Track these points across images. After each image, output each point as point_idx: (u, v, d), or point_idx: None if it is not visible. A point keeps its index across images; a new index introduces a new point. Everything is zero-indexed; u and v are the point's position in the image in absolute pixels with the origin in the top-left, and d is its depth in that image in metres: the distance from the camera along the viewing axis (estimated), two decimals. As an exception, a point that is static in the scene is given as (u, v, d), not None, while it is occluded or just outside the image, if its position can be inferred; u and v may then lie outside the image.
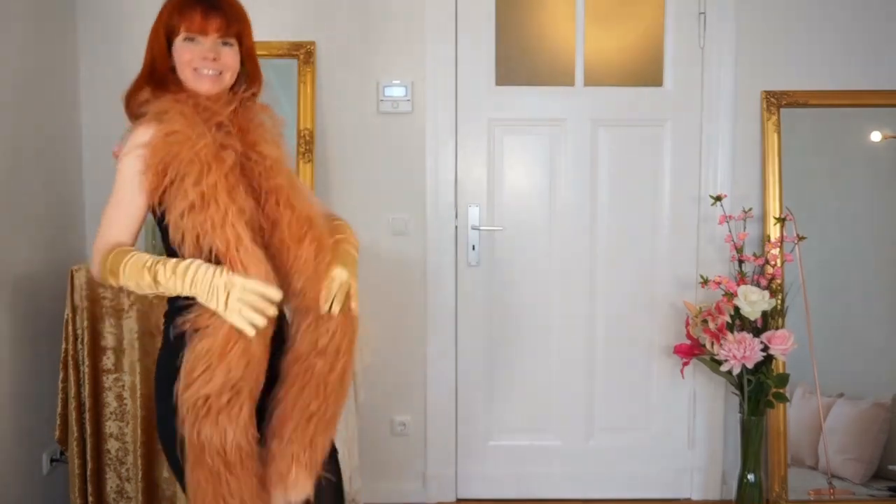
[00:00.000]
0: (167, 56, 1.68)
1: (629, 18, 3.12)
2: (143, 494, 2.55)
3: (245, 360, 1.54)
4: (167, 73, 1.68)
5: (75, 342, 2.53)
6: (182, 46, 1.67)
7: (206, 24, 1.65)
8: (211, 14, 1.65)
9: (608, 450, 3.15)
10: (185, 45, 1.66)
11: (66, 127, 2.92)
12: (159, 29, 1.69)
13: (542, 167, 3.09)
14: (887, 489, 2.98)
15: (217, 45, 1.67)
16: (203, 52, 1.65)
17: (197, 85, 1.67)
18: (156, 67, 1.69)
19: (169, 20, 1.68)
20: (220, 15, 1.66)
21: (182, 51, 1.66)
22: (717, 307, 2.75)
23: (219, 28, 1.66)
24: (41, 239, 2.72)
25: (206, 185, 1.54)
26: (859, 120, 3.04)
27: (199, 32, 1.65)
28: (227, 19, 1.67)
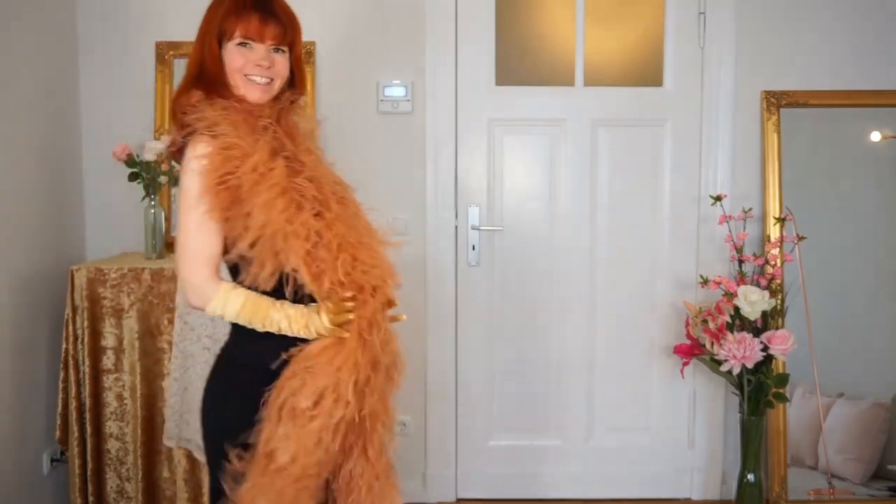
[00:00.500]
0: (219, 59, 1.63)
1: (629, 18, 3.12)
2: (143, 494, 2.55)
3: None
4: (218, 77, 1.63)
5: (75, 342, 2.53)
6: (235, 51, 1.62)
7: (263, 30, 1.61)
8: (269, 20, 1.62)
9: (608, 450, 3.15)
10: (238, 49, 1.62)
11: (66, 127, 2.92)
12: (211, 31, 1.64)
13: (542, 167, 3.09)
14: (887, 489, 2.98)
15: (270, 51, 1.63)
16: (257, 58, 1.62)
17: (247, 92, 1.63)
18: (205, 70, 1.64)
19: (223, 23, 1.62)
20: (278, 22, 1.63)
21: (235, 55, 1.62)
22: (717, 307, 2.75)
23: (275, 35, 1.63)
24: (41, 239, 2.72)
25: (264, 208, 1.51)
26: (859, 120, 3.04)
27: (255, 38, 1.62)
28: (283, 27, 1.64)
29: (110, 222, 3.01)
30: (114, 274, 2.53)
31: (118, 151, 2.71)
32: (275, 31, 1.62)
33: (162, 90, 2.95)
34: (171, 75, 2.96)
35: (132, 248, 2.98)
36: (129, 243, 2.99)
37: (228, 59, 1.63)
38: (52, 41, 2.82)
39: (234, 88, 1.63)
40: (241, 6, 1.62)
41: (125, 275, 2.53)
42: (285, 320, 1.56)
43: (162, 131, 2.92)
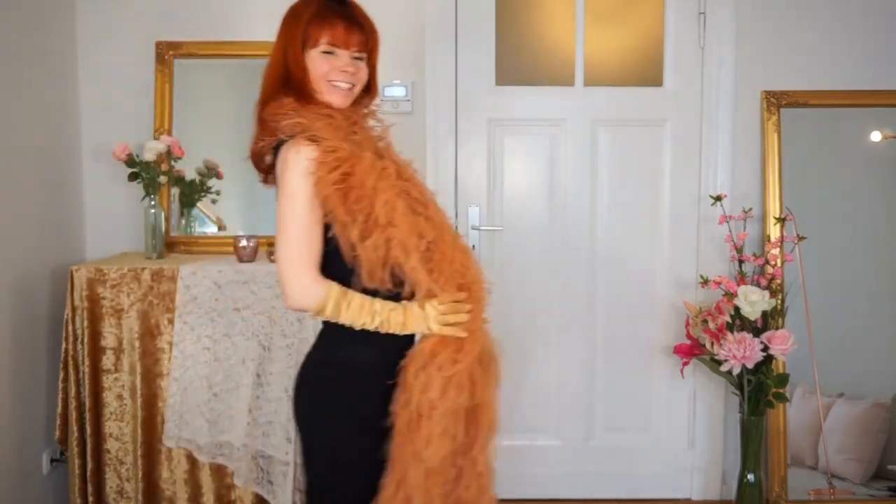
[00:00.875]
0: (304, 66, 1.67)
1: (629, 18, 3.12)
2: (143, 494, 2.55)
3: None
4: (303, 83, 1.66)
5: (75, 342, 2.53)
6: (319, 58, 1.66)
7: (348, 37, 1.66)
8: (353, 28, 1.67)
9: (608, 450, 3.15)
10: (322, 56, 1.66)
11: (65, 127, 2.92)
12: (295, 38, 1.67)
13: (542, 167, 3.09)
14: (887, 489, 2.98)
15: (353, 58, 1.68)
16: (342, 65, 1.66)
17: (331, 97, 1.67)
18: (290, 77, 1.67)
19: (307, 30, 1.66)
20: (361, 30, 1.68)
21: (319, 62, 1.66)
22: (717, 307, 2.75)
23: (359, 42, 1.68)
24: (41, 239, 2.72)
25: (386, 207, 1.57)
26: (859, 120, 3.04)
27: (341, 45, 1.66)
28: (366, 34, 1.69)
29: (110, 222, 3.01)
30: (114, 274, 2.53)
31: (118, 151, 2.71)
32: (359, 38, 1.67)
33: (162, 90, 2.95)
34: (170, 75, 2.96)
35: (132, 248, 2.98)
36: (129, 243, 3.00)
37: (313, 66, 1.66)
38: (51, 41, 2.82)
39: (317, 94, 1.67)
40: (326, 14, 1.66)
41: (125, 275, 2.53)
42: (386, 317, 1.60)
43: (162, 131, 2.92)
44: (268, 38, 2.95)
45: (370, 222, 1.56)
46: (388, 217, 1.56)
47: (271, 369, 2.48)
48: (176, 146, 2.75)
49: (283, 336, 2.48)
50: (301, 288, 1.59)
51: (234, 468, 2.51)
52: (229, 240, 2.80)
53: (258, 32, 2.97)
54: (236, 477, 2.51)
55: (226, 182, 2.98)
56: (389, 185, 1.59)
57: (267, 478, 2.49)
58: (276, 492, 2.47)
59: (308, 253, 1.58)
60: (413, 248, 1.58)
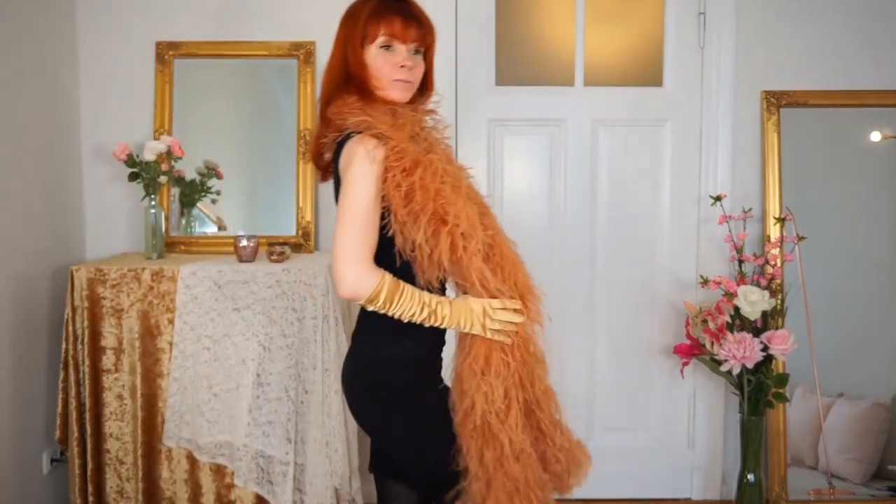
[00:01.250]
0: (364, 63, 1.69)
1: (629, 18, 3.12)
2: (143, 494, 2.55)
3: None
4: (364, 80, 1.69)
5: (75, 342, 2.53)
6: (378, 54, 1.69)
7: (406, 32, 1.68)
8: (411, 22, 1.69)
9: (608, 450, 3.14)
10: (381, 52, 1.69)
11: (65, 127, 2.92)
12: (354, 35, 1.70)
13: (542, 167, 3.09)
14: (887, 489, 2.98)
15: (411, 53, 1.70)
16: (401, 59, 1.68)
17: (392, 93, 1.69)
18: (351, 74, 1.70)
19: (366, 27, 1.69)
20: (419, 24, 1.70)
21: (378, 58, 1.69)
22: (717, 307, 2.75)
23: (416, 37, 1.70)
24: (41, 239, 2.72)
25: (452, 207, 1.61)
26: (859, 120, 3.04)
27: (399, 39, 1.68)
28: (423, 29, 1.71)
29: (110, 222, 3.01)
30: (114, 274, 2.53)
31: (118, 151, 2.71)
32: (416, 32, 1.70)
33: (162, 90, 2.95)
34: (170, 75, 2.96)
35: (132, 248, 2.98)
36: (129, 243, 3.00)
37: (373, 62, 1.69)
38: (51, 41, 2.82)
39: (378, 90, 1.69)
40: (383, 10, 1.68)
41: (125, 275, 2.53)
42: (434, 309, 1.64)
43: (162, 131, 2.92)
44: (267, 37, 2.98)
45: (433, 220, 1.58)
46: (455, 216, 1.59)
47: (271, 369, 2.48)
48: (176, 146, 2.75)
49: (283, 336, 2.48)
50: (357, 275, 1.61)
51: (234, 468, 2.51)
52: (229, 240, 2.80)
53: (258, 32, 2.98)
54: (236, 477, 2.51)
55: (226, 182, 2.98)
56: (453, 188, 1.62)
57: (267, 478, 2.49)
58: (276, 492, 2.47)
59: (366, 243, 1.61)
60: (475, 248, 1.61)
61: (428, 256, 1.60)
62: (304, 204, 2.94)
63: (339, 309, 2.53)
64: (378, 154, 1.59)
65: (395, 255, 1.62)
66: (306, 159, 2.93)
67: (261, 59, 2.98)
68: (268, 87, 3.05)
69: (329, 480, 2.44)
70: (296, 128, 2.94)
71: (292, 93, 2.96)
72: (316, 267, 2.50)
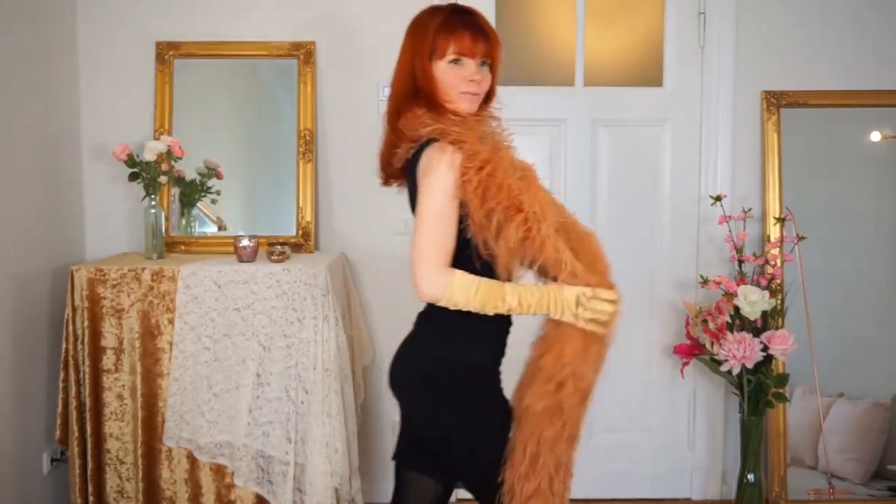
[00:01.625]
0: (432, 76, 1.73)
1: (629, 19, 3.12)
2: (144, 494, 2.55)
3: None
4: (432, 93, 1.73)
5: (75, 342, 2.53)
6: (447, 68, 1.72)
7: (474, 47, 1.72)
8: (479, 37, 1.73)
9: (608, 450, 3.15)
10: (450, 67, 1.72)
11: (65, 127, 2.92)
12: (422, 49, 1.73)
13: (542, 167, 3.04)
14: (887, 489, 2.98)
15: (478, 66, 1.74)
16: (470, 73, 1.72)
17: (461, 105, 1.74)
18: (419, 87, 1.74)
19: (435, 41, 1.72)
20: (486, 38, 1.74)
21: (448, 73, 1.72)
22: (717, 307, 2.75)
23: (484, 51, 1.73)
24: (41, 239, 2.72)
25: (532, 199, 1.66)
26: (859, 120, 3.05)
27: (468, 54, 1.72)
28: (490, 42, 1.74)
29: (110, 222, 3.01)
30: (114, 274, 2.53)
31: (118, 151, 2.71)
32: (484, 46, 1.73)
33: (162, 90, 2.95)
34: (170, 75, 2.96)
35: (132, 248, 2.98)
36: (129, 243, 3.00)
37: (442, 76, 1.73)
38: (51, 41, 2.82)
39: (446, 103, 1.73)
40: (452, 24, 1.72)
41: (125, 275, 2.53)
42: (520, 299, 1.67)
43: (162, 131, 2.92)
44: (267, 37, 2.98)
45: (508, 211, 1.62)
46: (529, 203, 1.63)
47: (271, 369, 2.48)
48: (176, 146, 2.75)
49: (283, 336, 2.48)
50: (435, 275, 1.65)
51: (234, 468, 2.51)
52: (229, 240, 2.80)
53: (258, 32, 2.98)
54: (236, 477, 2.51)
55: (226, 182, 2.98)
56: (528, 185, 1.68)
57: (267, 477, 2.49)
58: (276, 491, 2.47)
59: (444, 246, 1.66)
60: (548, 230, 1.65)
61: (505, 246, 1.63)
62: (304, 204, 2.94)
63: (339, 309, 2.53)
64: (456, 159, 1.64)
65: (474, 257, 1.66)
66: (306, 159, 2.94)
67: (261, 59, 2.98)
68: (268, 87, 3.05)
69: (329, 480, 2.44)
70: (296, 128, 2.94)
71: (292, 93, 2.96)
72: (316, 267, 2.50)
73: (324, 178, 3.00)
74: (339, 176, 3.02)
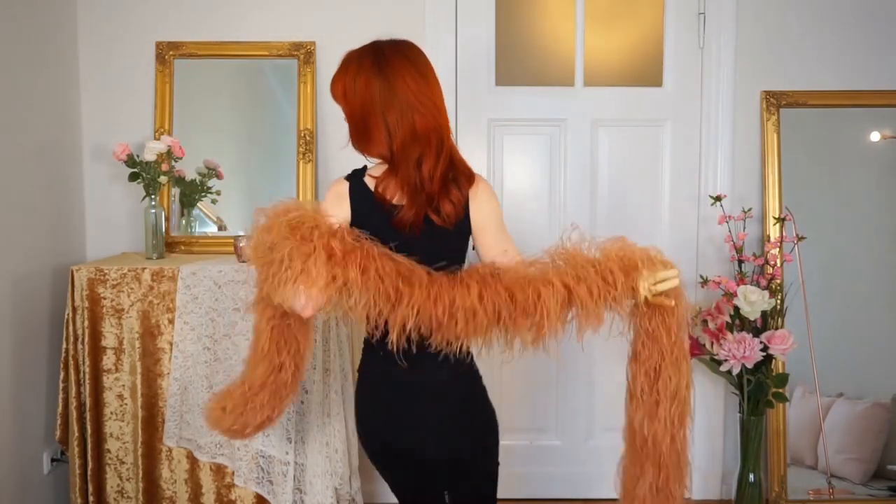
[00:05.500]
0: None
1: (629, 19, 3.12)
2: (144, 494, 2.55)
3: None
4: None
5: (76, 342, 2.53)
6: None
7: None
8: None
9: (608, 450, 3.13)
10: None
11: (66, 127, 2.92)
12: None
13: (542, 167, 3.09)
14: (887, 489, 2.98)
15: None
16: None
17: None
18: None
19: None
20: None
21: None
22: (716, 307, 2.75)
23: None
24: (41, 239, 2.73)
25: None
26: (859, 120, 3.04)
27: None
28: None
29: (110, 222, 3.01)
30: (114, 274, 2.53)
31: (118, 151, 2.72)
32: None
33: (162, 90, 2.96)
34: (171, 75, 2.96)
35: (132, 248, 2.99)
36: (129, 243, 3.00)
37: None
38: (52, 41, 2.82)
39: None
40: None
41: (125, 275, 2.53)
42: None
43: (162, 131, 2.92)
44: (267, 37, 2.98)
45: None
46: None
47: (271, 369, 2.48)
48: (176, 146, 2.75)
49: (283, 336, 2.48)
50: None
51: (234, 468, 2.51)
52: (229, 240, 2.81)
53: (258, 33, 2.98)
54: (236, 477, 2.51)
55: (226, 182, 2.98)
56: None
57: (267, 477, 2.49)
58: (276, 491, 2.48)
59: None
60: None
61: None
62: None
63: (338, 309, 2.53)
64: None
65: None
66: (306, 159, 2.94)
67: (261, 59, 2.98)
68: (268, 87, 3.06)
69: (329, 480, 2.44)
70: (296, 128, 2.94)
71: (292, 93, 2.96)
72: (316, 267, 2.50)
73: (324, 178, 3.00)
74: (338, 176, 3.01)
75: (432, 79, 1.70)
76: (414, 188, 1.64)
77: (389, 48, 1.69)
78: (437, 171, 1.65)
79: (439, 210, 1.66)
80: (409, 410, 1.73)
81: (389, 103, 1.64)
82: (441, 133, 1.69)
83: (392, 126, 1.64)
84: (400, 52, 1.68)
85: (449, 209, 1.67)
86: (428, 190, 1.64)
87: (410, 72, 1.66)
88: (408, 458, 1.76)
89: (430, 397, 1.74)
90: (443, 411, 1.75)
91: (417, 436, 1.74)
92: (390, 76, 1.65)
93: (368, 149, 1.69)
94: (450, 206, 1.67)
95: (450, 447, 1.77)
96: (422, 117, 1.65)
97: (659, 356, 1.83)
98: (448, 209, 1.67)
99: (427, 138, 1.65)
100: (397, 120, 1.64)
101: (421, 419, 1.73)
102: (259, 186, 3.06)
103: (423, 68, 1.69)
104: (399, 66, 1.66)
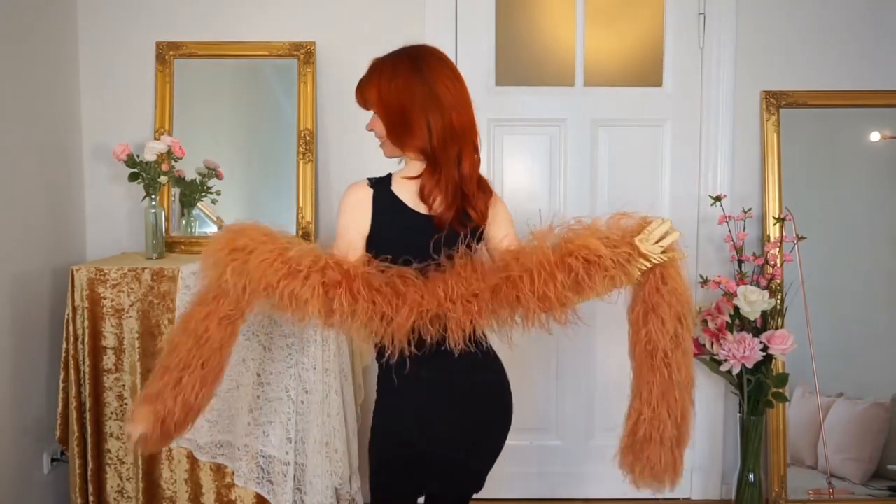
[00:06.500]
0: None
1: (629, 19, 3.12)
2: (144, 494, 2.55)
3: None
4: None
5: (76, 342, 2.53)
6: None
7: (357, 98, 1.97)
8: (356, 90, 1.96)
9: (608, 450, 3.12)
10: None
11: (66, 127, 2.92)
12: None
13: (542, 167, 3.09)
14: (887, 489, 2.98)
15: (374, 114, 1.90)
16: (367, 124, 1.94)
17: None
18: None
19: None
20: (358, 88, 1.94)
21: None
22: (716, 307, 2.76)
23: (359, 100, 1.94)
24: (41, 239, 2.73)
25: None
26: (859, 120, 3.05)
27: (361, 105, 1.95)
28: (359, 90, 1.93)
29: (110, 222, 3.01)
30: (114, 274, 2.53)
31: (118, 151, 2.72)
32: (358, 96, 1.95)
33: (162, 90, 2.96)
34: (171, 75, 2.96)
35: (132, 248, 2.99)
36: (129, 243, 3.00)
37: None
38: (52, 41, 2.82)
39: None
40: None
41: (125, 275, 2.53)
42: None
43: (162, 131, 2.92)
44: (267, 37, 2.98)
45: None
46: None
47: (271, 369, 2.48)
48: (176, 146, 2.75)
49: (283, 336, 2.48)
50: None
51: (234, 468, 2.51)
52: (229, 240, 2.80)
53: (258, 32, 2.98)
54: (236, 477, 2.51)
55: (226, 182, 2.98)
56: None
57: (267, 477, 2.49)
58: (276, 491, 2.47)
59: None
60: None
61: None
62: (304, 204, 2.94)
63: (339, 309, 2.52)
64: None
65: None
66: (306, 159, 2.94)
67: (261, 59, 2.99)
68: (268, 87, 3.06)
69: (329, 480, 2.44)
70: (296, 128, 2.94)
71: (292, 93, 2.96)
72: (316, 267, 2.50)
73: (324, 178, 3.00)
74: (339, 176, 3.02)
75: (462, 80, 1.78)
76: (456, 186, 1.73)
77: (422, 51, 1.77)
78: (476, 169, 1.77)
79: (475, 207, 1.77)
80: (447, 413, 1.84)
81: (429, 101, 1.71)
82: (474, 130, 1.78)
83: (432, 123, 1.71)
84: (434, 54, 1.77)
85: (482, 206, 1.79)
86: (466, 189, 1.75)
87: (445, 72, 1.74)
88: (432, 460, 1.83)
89: (468, 399, 1.89)
90: (479, 416, 1.94)
91: (450, 437, 1.85)
92: (428, 76, 1.72)
93: (409, 142, 1.75)
94: (483, 203, 1.79)
95: (477, 451, 1.95)
96: (458, 115, 1.73)
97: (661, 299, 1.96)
98: (482, 206, 1.78)
99: (464, 135, 1.74)
100: (437, 117, 1.71)
101: (456, 423, 1.85)
102: (259, 186, 3.06)
103: (455, 70, 1.78)
104: (436, 66, 1.74)
